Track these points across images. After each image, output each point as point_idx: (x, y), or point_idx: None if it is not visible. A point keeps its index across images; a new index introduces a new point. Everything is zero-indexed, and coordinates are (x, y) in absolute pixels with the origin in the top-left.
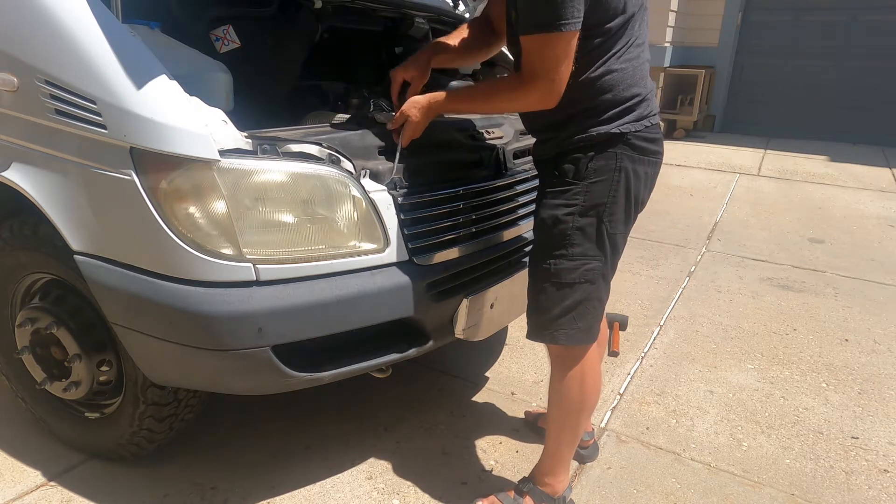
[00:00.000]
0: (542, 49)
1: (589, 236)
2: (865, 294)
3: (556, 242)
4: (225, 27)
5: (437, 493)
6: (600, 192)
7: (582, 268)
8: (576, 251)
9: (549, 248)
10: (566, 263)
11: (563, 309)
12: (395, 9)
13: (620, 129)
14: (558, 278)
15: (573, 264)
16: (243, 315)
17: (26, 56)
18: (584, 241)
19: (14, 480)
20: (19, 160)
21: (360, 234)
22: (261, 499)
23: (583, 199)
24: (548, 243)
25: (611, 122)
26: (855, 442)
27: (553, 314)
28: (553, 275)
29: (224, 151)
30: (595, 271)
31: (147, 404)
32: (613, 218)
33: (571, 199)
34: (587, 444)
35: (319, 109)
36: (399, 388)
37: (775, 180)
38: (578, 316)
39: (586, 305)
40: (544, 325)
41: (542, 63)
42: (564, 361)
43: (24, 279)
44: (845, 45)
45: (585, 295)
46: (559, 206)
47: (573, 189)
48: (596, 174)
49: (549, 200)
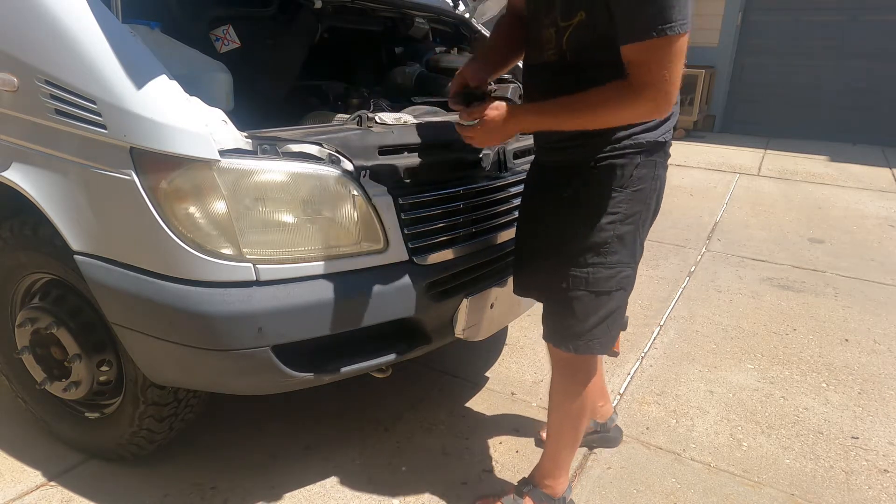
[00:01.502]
0: (660, 55)
1: (626, 244)
2: (865, 294)
3: (593, 250)
4: (225, 27)
5: (437, 493)
6: (640, 200)
7: (619, 276)
8: (613, 259)
9: (583, 256)
10: (604, 272)
11: (599, 318)
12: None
13: (664, 136)
14: (596, 287)
15: (610, 272)
16: (243, 315)
17: (26, 56)
18: (622, 249)
19: (14, 480)
20: (19, 160)
21: (360, 234)
22: (261, 499)
23: (626, 207)
24: (582, 251)
25: (657, 130)
26: (855, 442)
27: (590, 323)
28: (590, 283)
29: (224, 151)
30: (629, 279)
31: (147, 404)
32: (646, 225)
33: (615, 207)
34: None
35: (319, 109)
36: (399, 388)
37: (775, 180)
38: (612, 324)
39: (619, 313)
40: (579, 334)
41: (657, 69)
42: (577, 368)
43: (24, 279)
44: (845, 45)
45: (619, 303)
46: (600, 215)
47: (617, 197)
48: (639, 182)
49: (583, 209)
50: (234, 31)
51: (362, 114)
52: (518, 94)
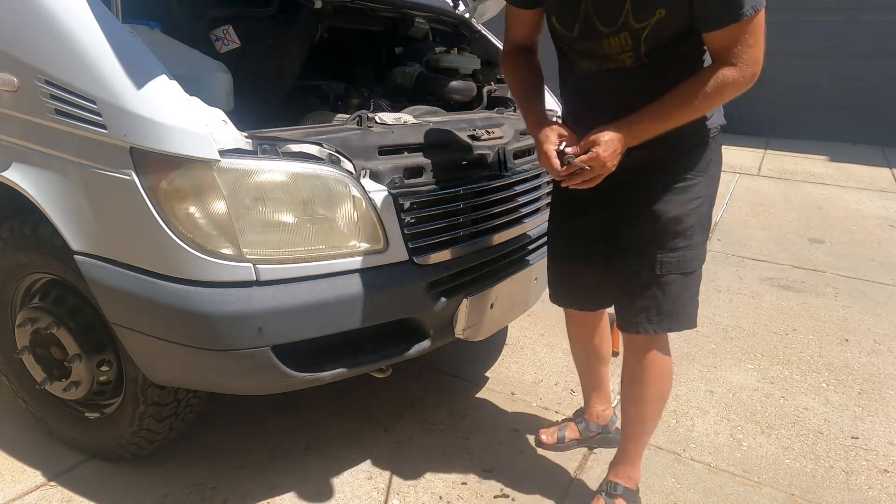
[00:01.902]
0: (756, 31)
1: (704, 225)
2: (865, 294)
3: (681, 235)
4: (225, 27)
5: (437, 493)
6: (714, 182)
7: (701, 254)
8: (696, 240)
9: (672, 241)
10: (690, 252)
11: (690, 295)
12: (395, 9)
13: (724, 119)
14: (688, 268)
15: (694, 253)
16: (243, 315)
17: (26, 56)
18: (702, 231)
19: (14, 480)
20: (19, 160)
21: (360, 234)
22: (261, 499)
23: (705, 190)
24: (671, 236)
25: (721, 113)
26: (855, 442)
27: (683, 301)
28: (681, 266)
29: (224, 151)
30: (705, 254)
31: (147, 404)
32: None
33: (697, 192)
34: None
35: (319, 109)
36: (399, 388)
37: (775, 180)
38: (696, 297)
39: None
40: (671, 313)
41: (757, 44)
42: (661, 347)
43: (24, 279)
44: (845, 45)
45: (700, 277)
46: (687, 201)
47: (700, 182)
48: (714, 165)
49: (673, 196)
50: (234, 31)
51: (362, 114)
52: None
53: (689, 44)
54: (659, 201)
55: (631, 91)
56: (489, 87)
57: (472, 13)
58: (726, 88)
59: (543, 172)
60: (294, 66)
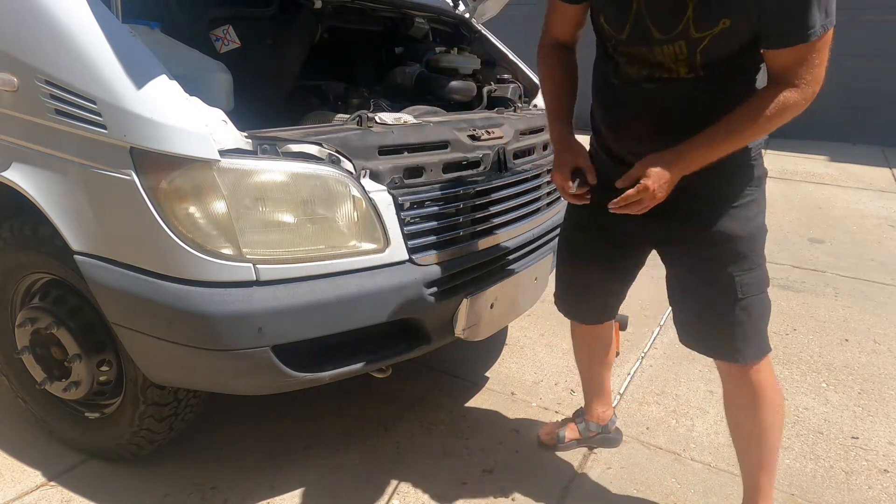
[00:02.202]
0: (823, 50)
1: (763, 238)
2: (865, 294)
3: (753, 251)
4: (225, 27)
5: (437, 493)
6: (764, 193)
7: (766, 270)
8: (760, 257)
9: (745, 260)
10: (760, 272)
11: (767, 314)
12: (395, 9)
13: None
14: (763, 286)
15: (763, 270)
16: (243, 315)
17: (26, 56)
18: (762, 245)
19: (14, 480)
20: (19, 160)
21: (360, 234)
22: (261, 499)
23: (762, 204)
24: (742, 256)
25: None
26: (855, 442)
27: (764, 323)
28: (759, 284)
29: (224, 151)
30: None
31: (147, 404)
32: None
33: (756, 207)
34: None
35: (319, 109)
36: (399, 388)
37: (775, 180)
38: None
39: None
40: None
41: (821, 65)
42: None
43: (24, 279)
44: (845, 45)
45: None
46: (753, 217)
47: (756, 196)
48: (764, 177)
49: (738, 212)
50: (234, 31)
51: (362, 114)
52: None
53: (748, 57)
54: (724, 219)
55: (682, 104)
56: (489, 87)
57: (472, 13)
58: (787, 112)
59: (543, 172)
60: (294, 66)
